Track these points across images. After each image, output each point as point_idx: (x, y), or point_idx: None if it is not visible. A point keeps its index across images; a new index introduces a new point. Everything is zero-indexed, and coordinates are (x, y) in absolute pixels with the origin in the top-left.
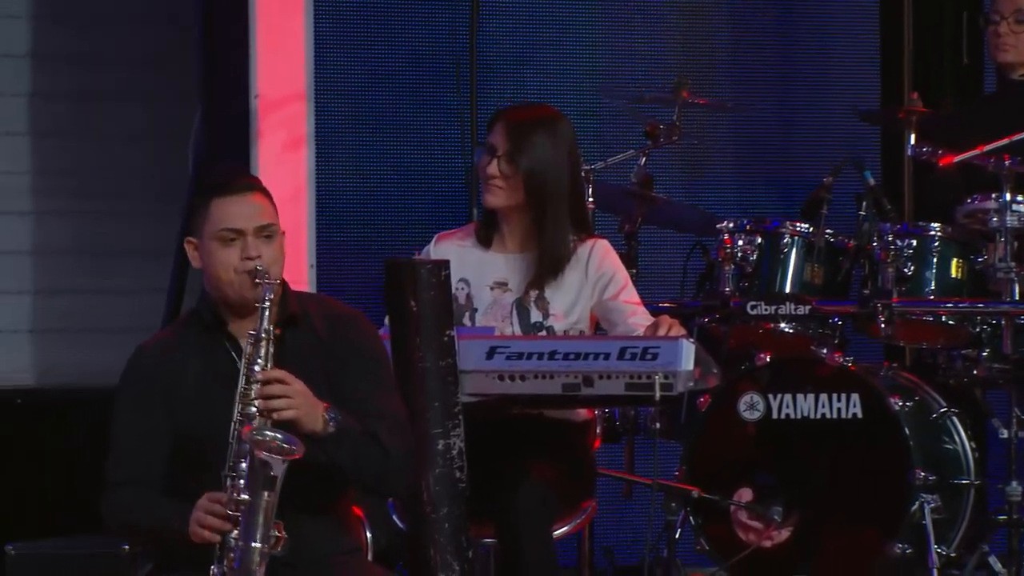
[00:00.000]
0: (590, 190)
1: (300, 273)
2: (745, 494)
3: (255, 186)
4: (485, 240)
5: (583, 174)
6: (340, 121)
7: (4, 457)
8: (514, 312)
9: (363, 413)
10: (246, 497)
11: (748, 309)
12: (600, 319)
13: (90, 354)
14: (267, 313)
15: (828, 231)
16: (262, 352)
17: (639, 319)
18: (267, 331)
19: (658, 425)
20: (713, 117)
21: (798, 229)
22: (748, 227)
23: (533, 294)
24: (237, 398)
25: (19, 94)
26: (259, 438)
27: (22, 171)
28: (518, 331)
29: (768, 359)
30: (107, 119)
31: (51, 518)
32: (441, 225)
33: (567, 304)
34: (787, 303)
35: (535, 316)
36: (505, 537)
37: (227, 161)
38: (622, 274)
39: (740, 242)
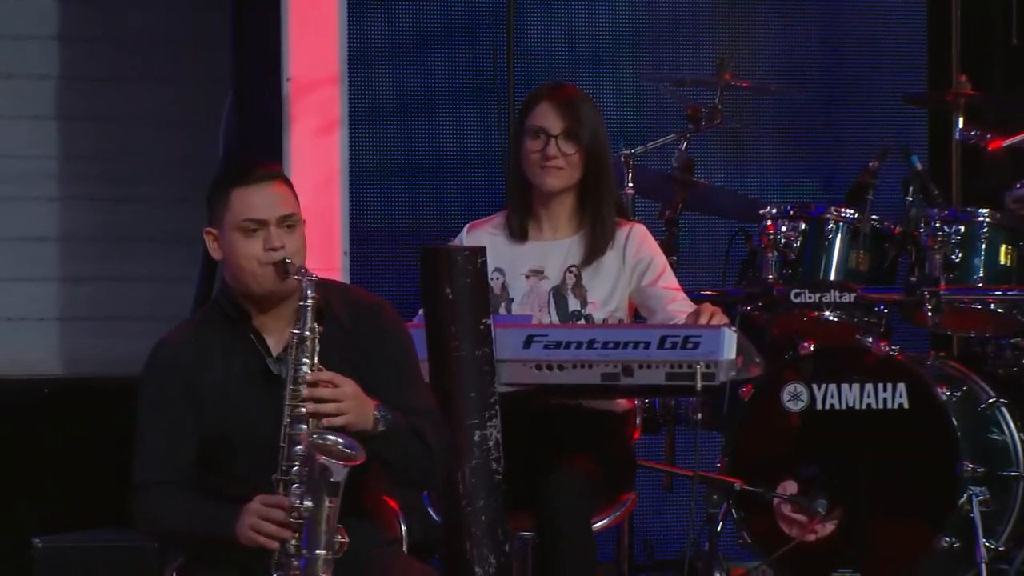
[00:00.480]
0: (630, 175)
1: (333, 260)
2: (789, 486)
3: (276, 175)
4: (519, 228)
5: (622, 159)
6: (374, 105)
7: (32, 447)
8: (551, 301)
9: (399, 408)
10: (310, 504)
11: (792, 297)
12: (639, 306)
13: (117, 342)
14: (310, 312)
15: (874, 217)
16: (307, 351)
17: (679, 305)
18: (312, 329)
19: (699, 416)
20: (756, 100)
21: (843, 215)
22: (792, 213)
23: (571, 281)
24: (286, 398)
25: (46, 77)
26: (321, 442)
27: (48, 156)
28: (556, 320)
29: (812, 348)
30: (136, 103)
31: (80, 510)
32: (477, 210)
33: (605, 292)
34: (832, 291)
35: (573, 304)
36: (543, 530)
37: (252, 149)
38: (660, 259)
39: (784, 228)
